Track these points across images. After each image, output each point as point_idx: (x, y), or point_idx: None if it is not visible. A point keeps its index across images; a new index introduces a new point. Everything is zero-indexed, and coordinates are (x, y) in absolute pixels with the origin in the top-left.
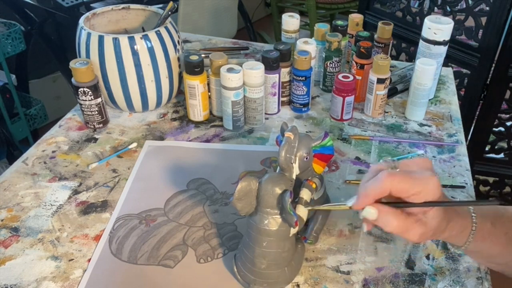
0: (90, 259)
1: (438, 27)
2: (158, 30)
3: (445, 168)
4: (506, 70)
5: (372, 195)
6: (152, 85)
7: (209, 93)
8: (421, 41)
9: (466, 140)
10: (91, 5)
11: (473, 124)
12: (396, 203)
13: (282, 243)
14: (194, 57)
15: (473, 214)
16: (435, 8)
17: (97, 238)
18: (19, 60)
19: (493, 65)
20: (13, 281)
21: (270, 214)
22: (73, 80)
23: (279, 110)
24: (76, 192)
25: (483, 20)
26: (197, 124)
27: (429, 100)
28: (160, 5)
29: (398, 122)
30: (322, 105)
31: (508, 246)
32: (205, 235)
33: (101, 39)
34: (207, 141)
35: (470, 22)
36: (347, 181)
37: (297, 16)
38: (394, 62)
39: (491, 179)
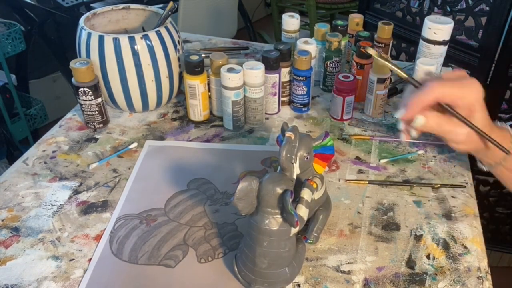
0: (90, 259)
1: (438, 27)
2: (158, 30)
3: (445, 168)
4: (506, 70)
5: (422, 103)
6: (152, 85)
7: (209, 93)
8: (421, 41)
9: None
10: (91, 5)
11: None
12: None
13: (283, 242)
14: (194, 57)
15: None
16: (435, 8)
17: (98, 238)
18: (19, 60)
19: (493, 65)
20: (14, 281)
21: (271, 214)
22: (73, 80)
23: (279, 110)
24: (76, 192)
25: (483, 20)
26: (197, 124)
27: None
28: (160, 5)
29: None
30: (322, 105)
31: None
32: (205, 235)
33: (101, 39)
34: (207, 141)
35: (470, 22)
36: (347, 181)
37: (297, 16)
38: (394, 62)
39: (491, 179)
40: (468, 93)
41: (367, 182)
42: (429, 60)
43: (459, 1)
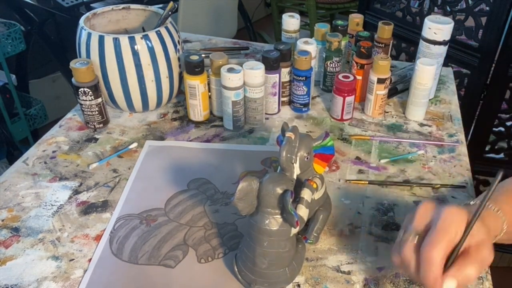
0: (90, 259)
1: (438, 27)
2: (159, 30)
3: (445, 168)
4: (506, 70)
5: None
6: (152, 85)
7: (209, 93)
8: (421, 41)
9: (466, 140)
10: (91, 5)
11: (473, 124)
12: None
13: (283, 243)
14: (194, 57)
15: (497, 212)
16: (435, 8)
17: (98, 238)
18: (19, 60)
19: (493, 65)
20: (14, 281)
21: (271, 214)
22: (73, 80)
23: (279, 110)
24: (76, 192)
25: (483, 20)
26: (198, 124)
27: (429, 100)
28: (160, 5)
29: (398, 122)
30: (322, 105)
31: None
32: (205, 235)
33: (101, 39)
34: (208, 141)
35: (470, 22)
36: (347, 181)
37: (297, 16)
38: (394, 62)
39: (491, 179)
40: (451, 223)
41: (367, 182)
42: (429, 60)
43: (459, 1)
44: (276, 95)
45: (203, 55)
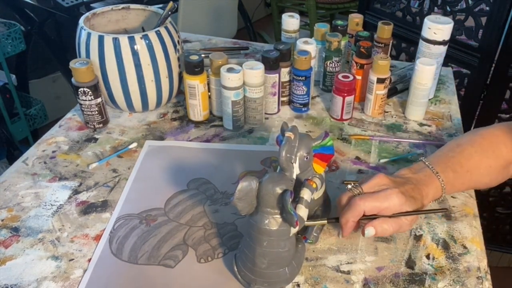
0: (90, 259)
1: (438, 27)
2: (158, 30)
3: None
4: (506, 70)
5: (352, 220)
6: (152, 85)
7: (209, 93)
8: (421, 41)
9: None
10: (91, 5)
11: (473, 124)
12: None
13: (283, 242)
14: (194, 57)
15: (437, 174)
16: (435, 8)
17: (98, 238)
18: (19, 60)
19: (493, 65)
20: (14, 281)
21: (271, 214)
22: (73, 80)
23: (279, 110)
24: (76, 192)
25: (483, 20)
26: (197, 124)
27: (429, 100)
28: (160, 5)
29: (398, 122)
30: (322, 105)
31: (471, 180)
32: (205, 235)
33: (101, 39)
34: (207, 141)
35: (470, 22)
36: (345, 182)
37: (297, 16)
38: (394, 62)
39: None
40: (389, 204)
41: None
42: (429, 60)
43: (459, 1)
44: (276, 95)
45: (202, 55)
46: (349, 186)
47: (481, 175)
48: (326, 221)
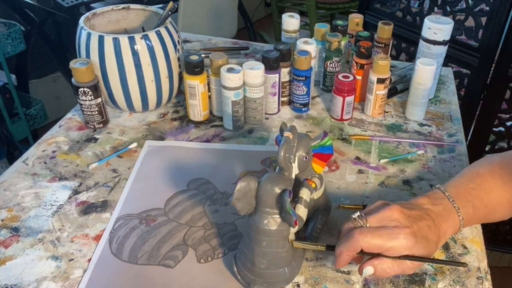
0: (90, 259)
1: (438, 27)
2: (158, 30)
3: (445, 168)
4: (506, 70)
5: (346, 254)
6: (152, 85)
7: (209, 93)
8: (421, 41)
9: (466, 140)
10: (91, 5)
11: (473, 124)
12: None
13: (282, 242)
14: (194, 57)
15: (458, 210)
16: (435, 8)
17: (97, 238)
18: (19, 60)
19: (493, 65)
20: (14, 281)
21: (270, 214)
22: (73, 80)
23: (279, 110)
24: (76, 192)
25: (483, 20)
26: (197, 124)
27: (429, 100)
28: (160, 5)
29: (398, 122)
30: (322, 105)
31: (487, 215)
32: (205, 235)
33: (101, 39)
34: (207, 141)
35: (470, 22)
36: (340, 206)
37: (297, 16)
38: (394, 62)
39: None
40: (394, 245)
41: (361, 206)
42: (429, 60)
43: (459, 1)
44: (276, 95)
45: (203, 55)
46: (354, 216)
47: (497, 210)
48: (324, 248)
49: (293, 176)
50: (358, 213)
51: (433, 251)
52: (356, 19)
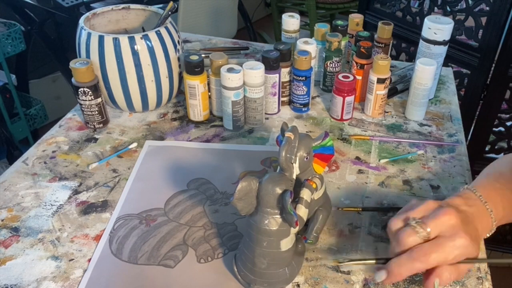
0: (90, 259)
1: (438, 27)
2: (158, 30)
3: (445, 168)
4: (506, 70)
5: (407, 274)
6: (152, 85)
7: (209, 93)
8: (421, 41)
9: (466, 140)
10: (91, 5)
11: (473, 124)
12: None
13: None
14: (194, 57)
15: (491, 212)
16: (435, 8)
17: (97, 238)
18: (19, 60)
19: (493, 65)
20: (14, 281)
21: (271, 214)
22: (73, 80)
23: (279, 110)
24: (76, 192)
25: (483, 20)
26: (197, 124)
27: (429, 100)
28: (160, 5)
29: (398, 122)
30: (322, 105)
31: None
32: (205, 235)
33: (101, 39)
34: (207, 141)
35: (470, 22)
36: (339, 208)
37: (297, 16)
38: (394, 62)
39: None
40: (458, 256)
41: (360, 209)
42: (429, 60)
43: (459, 1)
44: (276, 95)
45: (203, 55)
46: (413, 223)
47: None
48: (375, 262)
49: (294, 177)
50: (414, 220)
51: (478, 253)
52: (356, 19)
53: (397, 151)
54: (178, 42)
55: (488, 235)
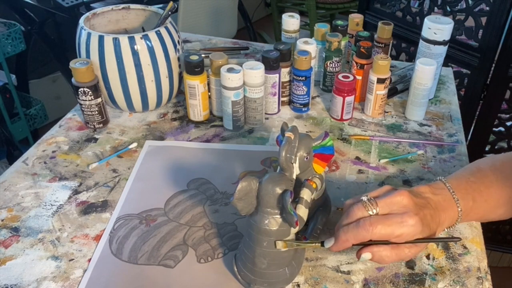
0: (90, 259)
1: (438, 27)
2: (158, 30)
3: (445, 168)
4: (506, 70)
5: (352, 241)
6: (152, 85)
7: (209, 93)
8: (421, 41)
9: (466, 140)
10: (91, 5)
11: (473, 124)
12: (379, 242)
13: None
14: (194, 57)
15: (457, 202)
16: (435, 8)
17: (98, 238)
18: (19, 60)
19: (493, 65)
20: (14, 281)
21: (271, 214)
22: (73, 80)
23: (279, 110)
24: (76, 192)
25: (483, 20)
26: (197, 124)
27: (429, 100)
28: (160, 5)
29: (398, 122)
30: (322, 105)
31: (486, 210)
32: (205, 235)
33: (101, 39)
34: (207, 141)
35: (470, 22)
36: (339, 208)
37: (297, 16)
38: (394, 62)
39: None
40: (403, 232)
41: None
42: (429, 60)
43: (459, 1)
44: (276, 95)
45: (203, 55)
46: (364, 199)
47: (497, 206)
48: (320, 245)
49: (294, 177)
50: (367, 196)
51: (434, 232)
52: (356, 19)
53: (397, 151)
54: (178, 42)
55: (456, 224)
